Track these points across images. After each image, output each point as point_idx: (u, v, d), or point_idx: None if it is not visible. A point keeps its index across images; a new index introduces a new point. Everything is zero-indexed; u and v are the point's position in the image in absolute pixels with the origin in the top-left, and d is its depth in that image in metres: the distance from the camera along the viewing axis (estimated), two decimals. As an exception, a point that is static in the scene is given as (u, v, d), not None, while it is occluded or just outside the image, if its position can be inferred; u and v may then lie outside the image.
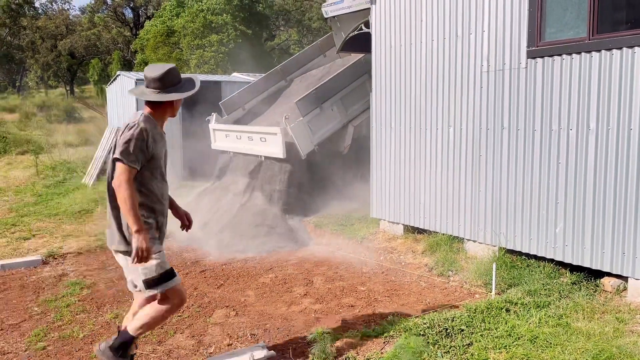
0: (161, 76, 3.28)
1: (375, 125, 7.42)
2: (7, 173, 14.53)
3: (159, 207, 3.33)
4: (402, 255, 6.60)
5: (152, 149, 3.20)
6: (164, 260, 3.26)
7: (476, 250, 6.10)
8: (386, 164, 7.30)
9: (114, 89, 13.56)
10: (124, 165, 3.08)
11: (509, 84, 5.63)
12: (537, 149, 5.41)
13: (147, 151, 3.17)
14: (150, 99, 3.29)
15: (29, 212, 9.54)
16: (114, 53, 35.80)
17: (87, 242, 7.53)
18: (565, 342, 3.80)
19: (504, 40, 5.65)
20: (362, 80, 9.14)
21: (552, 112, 5.25)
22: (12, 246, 7.38)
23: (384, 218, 7.42)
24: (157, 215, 3.31)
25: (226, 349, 4.16)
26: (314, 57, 10.98)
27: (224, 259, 6.82)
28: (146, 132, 3.16)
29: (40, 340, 4.40)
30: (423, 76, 6.63)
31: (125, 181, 3.06)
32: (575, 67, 5.01)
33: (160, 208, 3.34)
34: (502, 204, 5.80)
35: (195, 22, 25.65)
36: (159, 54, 26.60)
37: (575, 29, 5.07)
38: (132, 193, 3.07)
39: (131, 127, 3.16)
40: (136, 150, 3.11)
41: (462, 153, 6.22)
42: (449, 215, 6.44)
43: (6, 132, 19.82)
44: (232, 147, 9.54)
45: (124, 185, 3.05)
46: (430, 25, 6.47)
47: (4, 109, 30.44)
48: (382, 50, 7.21)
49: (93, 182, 11.68)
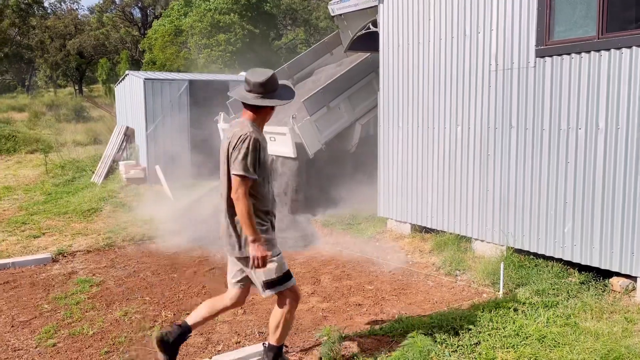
0: (265, 81, 3.31)
1: (383, 124, 7.42)
2: (16, 172, 14.65)
3: (271, 209, 3.46)
4: (409, 255, 6.60)
5: (263, 157, 3.30)
6: (282, 262, 3.42)
7: (484, 249, 6.09)
8: (393, 163, 7.30)
9: (123, 88, 13.63)
10: (243, 178, 3.19)
11: (517, 83, 5.62)
12: (546, 148, 5.39)
13: (260, 160, 3.27)
14: (256, 104, 3.32)
15: (38, 210, 9.62)
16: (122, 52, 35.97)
17: (96, 240, 7.58)
18: (574, 341, 3.79)
19: (513, 39, 5.63)
20: (369, 78, 9.13)
21: (560, 111, 5.23)
22: (22, 244, 7.44)
23: (391, 217, 7.42)
24: (270, 216, 3.45)
25: (234, 346, 4.18)
26: (321, 55, 10.98)
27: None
28: (258, 142, 3.24)
29: (51, 337, 4.44)
30: (431, 75, 6.62)
31: (243, 194, 3.18)
32: (585, 66, 4.99)
33: (272, 209, 3.48)
34: (510, 203, 5.78)
35: (202, 22, 25.73)
36: (167, 54, 26.72)
37: (585, 27, 5.04)
38: (250, 204, 3.21)
39: (244, 139, 3.20)
40: (253, 162, 3.21)
41: (470, 152, 6.21)
42: (456, 214, 6.43)
43: (16, 131, 19.96)
44: None
45: (242, 198, 3.18)
46: (438, 24, 6.46)
47: (14, 108, 30.68)
48: (389, 49, 7.21)
49: (102, 181, 11.75)
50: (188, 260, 6.74)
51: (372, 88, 9.06)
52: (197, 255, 7.01)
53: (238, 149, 3.20)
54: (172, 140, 11.61)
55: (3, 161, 17.04)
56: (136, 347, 4.22)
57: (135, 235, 7.81)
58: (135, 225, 8.31)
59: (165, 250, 7.25)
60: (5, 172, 14.78)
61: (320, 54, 10.98)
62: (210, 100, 11.36)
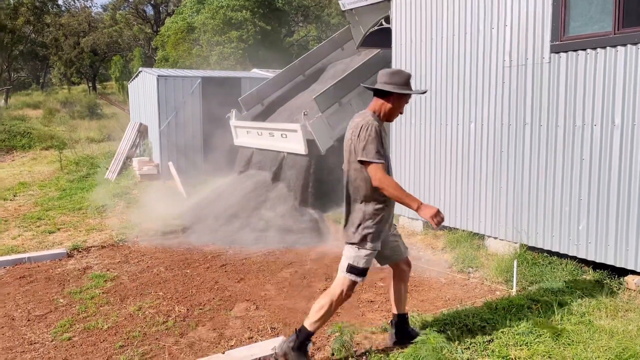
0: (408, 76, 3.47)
1: (395, 121, 7.39)
2: (32, 168, 14.83)
3: (390, 201, 3.46)
4: (421, 252, 6.58)
5: (384, 146, 3.35)
6: (370, 258, 3.46)
7: (497, 247, 6.06)
8: (405, 160, 7.27)
9: (136, 85, 13.72)
10: (373, 164, 3.28)
11: (531, 79, 5.57)
12: (560, 145, 5.34)
13: (382, 146, 3.33)
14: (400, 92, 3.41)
15: (53, 206, 9.73)
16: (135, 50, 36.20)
17: (110, 235, 7.65)
18: (588, 339, 3.76)
19: (527, 35, 5.58)
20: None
21: (575, 108, 5.18)
22: (38, 239, 7.53)
23: (403, 214, 7.41)
24: (389, 207, 3.49)
25: (247, 342, 4.20)
26: (332, 50, 10.95)
27: (244, 254, 6.88)
28: (378, 129, 3.32)
29: (66, 331, 4.50)
30: (444, 71, 6.58)
31: (381, 177, 3.26)
32: (600, 62, 4.93)
33: (391, 201, 3.48)
34: (524, 200, 5.74)
35: (215, 19, 25.80)
36: (180, 51, 26.84)
37: (600, 23, 4.99)
38: (394, 183, 3.29)
39: (366, 127, 3.30)
40: (378, 146, 3.28)
41: (483, 149, 6.18)
42: (469, 211, 6.40)
43: (31, 128, 20.21)
44: (253, 144, 9.60)
45: (384, 181, 3.27)
46: (451, 20, 6.42)
47: (29, 105, 31.04)
48: (402, 45, 7.18)
49: (115, 177, 11.85)
50: (201, 256, 6.79)
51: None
52: (209, 251, 7.05)
53: (362, 138, 3.29)
54: (184, 136, 11.68)
55: (18, 157, 17.26)
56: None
57: (148, 231, 7.87)
58: (148, 221, 8.37)
59: (178, 246, 7.30)
60: (21, 168, 14.97)
61: (331, 49, 10.97)
62: (222, 97, 11.40)
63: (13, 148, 18.12)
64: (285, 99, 10.48)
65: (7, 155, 17.67)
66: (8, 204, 10.13)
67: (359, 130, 3.32)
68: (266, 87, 10.47)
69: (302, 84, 10.69)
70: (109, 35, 40.04)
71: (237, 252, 6.97)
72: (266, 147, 9.20)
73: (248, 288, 5.56)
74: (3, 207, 9.81)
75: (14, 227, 8.27)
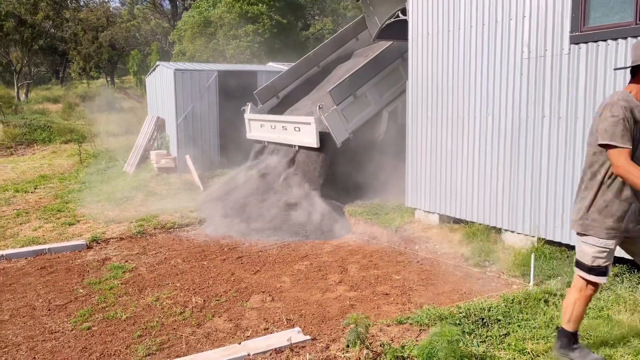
0: None
1: (412, 114, 7.35)
2: (52, 161, 15.06)
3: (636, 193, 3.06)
4: (437, 245, 6.55)
5: (634, 129, 2.94)
6: (602, 256, 3.12)
7: (514, 240, 6.00)
8: (422, 153, 7.24)
9: (153, 79, 13.82)
10: (615, 149, 2.90)
11: (550, 70, 5.49)
12: (580, 137, 5.26)
13: (631, 129, 2.92)
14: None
15: (73, 198, 9.88)
16: (153, 44, 36.45)
17: (128, 228, 7.75)
18: (606, 334, 3.72)
19: (546, 26, 5.50)
20: (395, 65, 9.03)
21: (596, 99, 5.09)
22: (58, 231, 7.67)
23: (419, 207, 7.38)
24: (630, 201, 3.06)
25: (263, 332, 4.24)
26: (347, 41, 10.87)
27: (259, 246, 6.92)
28: (627, 109, 2.91)
29: (86, 320, 4.58)
30: (461, 64, 6.52)
31: (623, 164, 2.88)
32: (621, 53, 4.84)
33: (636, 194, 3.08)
34: (542, 194, 5.68)
35: (231, 13, 25.84)
36: (196, 44, 26.93)
37: (621, 13, 4.89)
38: (635, 170, 2.85)
39: (611, 106, 2.94)
40: (623, 129, 2.89)
41: (500, 142, 6.12)
42: (486, 204, 6.35)
43: (51, 122, 20.49)
44: (267, 137, 9.63)
45: (621, 170, 2.89)
46: (468, 11, 6.35)
47: (49, 100, 31.51)
48: (418, 37, 7.12)
49: (133, 170, 11.98)
50: (217, 249, 6.85)
51: (398, 74, 8.96)
52: (226, 243, 7.11)
53: (604, 118, 2.94)
54: (201, 130, 11.75)
55: (39, 151, 17.53)
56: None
57: (166, 223, 7.96)
58: (165, 213, 8.46)
59: (195, 238, 7.37)
60: (41, 161, 15.21)
61: (346, 39, 10.89)
62: (238, 90, 11.44)
63: (34, 141, 18.41)
64: (300, 90, 10.46)
65: (28, 148, 17.96)
66: (29, 196, 10.31)
67: (603, 109, 2.96)
68: (281, 80, 10.45)
69: (318, 75, 10.66)
70: (127, 29, 40.33)
71: (252, 245, 7.01)
72: (279, 140, 9.22)
73: (264, 280, 5.60)
74: (24, 200, 9.99)
75: (35, 219, 8.42)
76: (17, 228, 7.90)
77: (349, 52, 10.82)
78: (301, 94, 10.36)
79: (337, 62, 10.72)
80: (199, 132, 11.74)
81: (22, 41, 35.96)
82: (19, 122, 19.79)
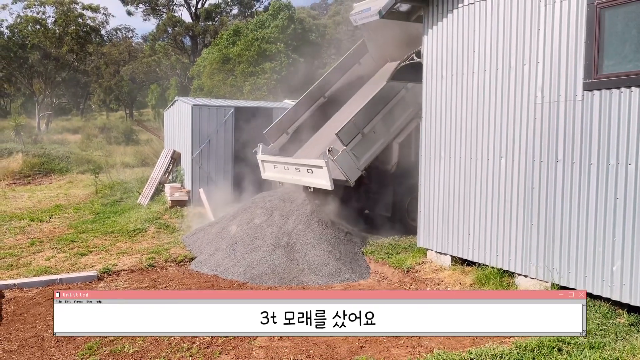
0: None
1: (425, 155, 7.39)
2: (68, 191, 15.26)
3: None
4: (449, 288, 6.47)
5: None
6: None
7: (527, 285, 5.92)
8: (435, 193, 7.23)
9: (172, 113, 14.10)
10: None
11: (564, 116, 5.52)
12: (594, 183, 5.24)
13: None
14: None
15: (87, 229, 9.97)
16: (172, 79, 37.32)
17: (140, 260, 7.78)
18: (622, 386, 3.61)
19: (559, 72, 5.56)
20: (400, 96, 9.06)
21: (609, 146, 5.10)
22: (70, 261, 7.71)
23: (431, 248, 7.32)
24: None
25: (270, 372, 4.18)
26: (350, 67, 10.96)
27: (269, 284, 6.89)
28: None
29: (93, 353, 4.56)
30: (474, 106, 6.58)
31: None
32: (635, 101, 4.87)
33: None
34: (556, 238, 5.62)
35: (250, 50, 26.46)
36: (215, 80, 27.51)
37: (635, 62, 4.94)
38: None
39: None
40: None
41: (513, 185, 6.11)
42: (499, 247, 6.29)
43: (69, 152, 20.88)
44: (281, 178, 9.65)
45: None
46: (482, 55, 6.45)
47: (68, 130, 32.17)
48: (433, 79, 7.22)
49: (147, 202, 12.10)
50: (227, 283, 6.83)
51: (404, 103, 8.97)
52: (236, 279, 7.08)
53: None
54: (216, 164, 11.90)
55: (56, 180, 17.80)
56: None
57: (177, 256, 7.98)
58: (177, 246, 8.49)
59: (205, 272, 7.36)
60: (58, 191, 15.42)
61: (349, 66, 10.98)
62: (254, 127, 11.60)
63: (51, 171, 18.73)
64: (310, 123, 10.47)
65: (46, 177, 18.25)
66: (44, 225, 10.43)
67: None
68: (289, 116, 10.48)
69: (325, 105, 10.67)
70: (147, 64, 41.41)
71: (261, 283, 6.97)
72: (293, 181, 9.25)
73: (273, 318, 5.55)
74: (39, 229, 10.10)
75: (49, 248, 8.49)
76: (31, 257, 7.97)
77: (354, 78, 10.86)
78: (311, 127, 10.39)
79: (344, 89, 10.73)
80: (214, 167, 11.89)
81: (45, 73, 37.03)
82: (38, 151, 20.20)
